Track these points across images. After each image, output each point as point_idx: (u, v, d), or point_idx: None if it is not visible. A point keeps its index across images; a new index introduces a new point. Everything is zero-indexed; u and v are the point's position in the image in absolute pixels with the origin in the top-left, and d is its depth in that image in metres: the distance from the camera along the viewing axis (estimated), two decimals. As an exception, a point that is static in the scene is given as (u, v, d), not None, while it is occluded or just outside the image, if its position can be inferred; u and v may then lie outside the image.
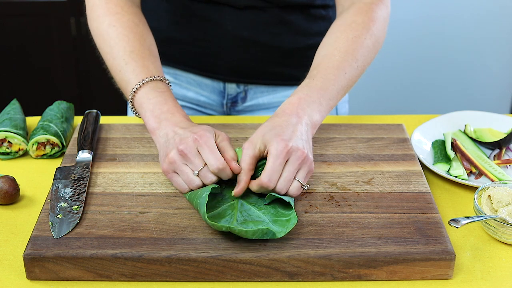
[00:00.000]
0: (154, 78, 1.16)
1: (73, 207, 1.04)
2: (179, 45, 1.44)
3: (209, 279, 0.96)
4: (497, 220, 1.03)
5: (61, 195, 1.07)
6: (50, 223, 1.00)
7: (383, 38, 1.24)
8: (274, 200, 1.06)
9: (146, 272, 0.95)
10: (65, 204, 1.05)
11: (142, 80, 1.15)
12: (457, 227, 1.01)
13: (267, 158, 1.03)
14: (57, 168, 1.15)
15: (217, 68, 1.44)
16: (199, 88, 1.49)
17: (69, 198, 1.06)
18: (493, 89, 3.10)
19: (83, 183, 1.10)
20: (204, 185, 1.05)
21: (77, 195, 1.07)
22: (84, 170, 1.13)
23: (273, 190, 1.04)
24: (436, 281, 0.97)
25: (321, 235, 0.99)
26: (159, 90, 1.15)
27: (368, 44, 1.20)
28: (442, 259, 0.96)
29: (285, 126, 1.06)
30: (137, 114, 1.18)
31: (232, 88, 1.48)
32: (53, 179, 1.11)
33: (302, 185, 1.05)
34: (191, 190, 1.06)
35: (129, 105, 1.19)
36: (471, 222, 1.02)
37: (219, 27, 1.38)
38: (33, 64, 2.81)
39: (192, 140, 1.04)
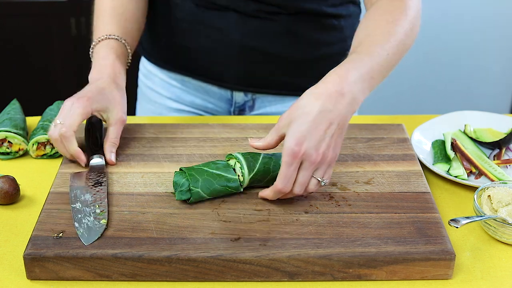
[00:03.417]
0: (109, 37, 1.29)
1: (98, 212, 1.02)
2: (187, 52, 1.44)
3: (209, 279, 0.96)
4: (497, 220, 1.03)
5: (82, 199, 1.05)
6: (79, 232, 0.98)
7: (418, 27, 1.22)
8: None
9: (146, 272, 0.95)
10: (88, 209, 1.03)
11: (99, 38, 1.29)
12: (457, 227, 1.01)
13: (281, 162, 1.01)
14: (72, 173, 1.13)
15: (225, 76, 1.44)
16: (206, 95, 1.48)
17: (90, 204, 1.04)
18: (493, 89, 3.11)
19: (101, 188, 1.08)
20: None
21: (99, 201, 1.05)
22: (100, 175, 1.12)
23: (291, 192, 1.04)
24: (436, 281, 0.97)
25: (321, 235, 0.99)
26: (109, 47, 1.29)
27: (405, 26, 1.17)
28: (442, 259, 0.96)
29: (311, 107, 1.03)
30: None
31: (239, 97, 1.47)
32: (70, 185, 1.09)
33: (319, 181, 1.03)
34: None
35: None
36: (471, 222, 1.02)
37: (227, 36, 1.38)
38: (33, 64, 2.81)
39: (73, 98, 1.17)
